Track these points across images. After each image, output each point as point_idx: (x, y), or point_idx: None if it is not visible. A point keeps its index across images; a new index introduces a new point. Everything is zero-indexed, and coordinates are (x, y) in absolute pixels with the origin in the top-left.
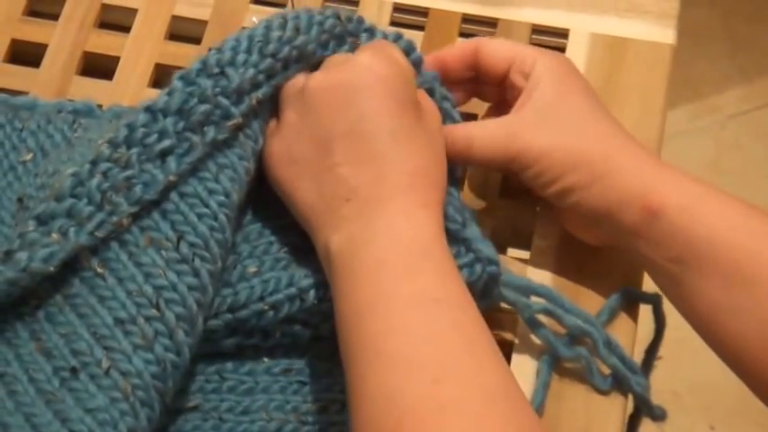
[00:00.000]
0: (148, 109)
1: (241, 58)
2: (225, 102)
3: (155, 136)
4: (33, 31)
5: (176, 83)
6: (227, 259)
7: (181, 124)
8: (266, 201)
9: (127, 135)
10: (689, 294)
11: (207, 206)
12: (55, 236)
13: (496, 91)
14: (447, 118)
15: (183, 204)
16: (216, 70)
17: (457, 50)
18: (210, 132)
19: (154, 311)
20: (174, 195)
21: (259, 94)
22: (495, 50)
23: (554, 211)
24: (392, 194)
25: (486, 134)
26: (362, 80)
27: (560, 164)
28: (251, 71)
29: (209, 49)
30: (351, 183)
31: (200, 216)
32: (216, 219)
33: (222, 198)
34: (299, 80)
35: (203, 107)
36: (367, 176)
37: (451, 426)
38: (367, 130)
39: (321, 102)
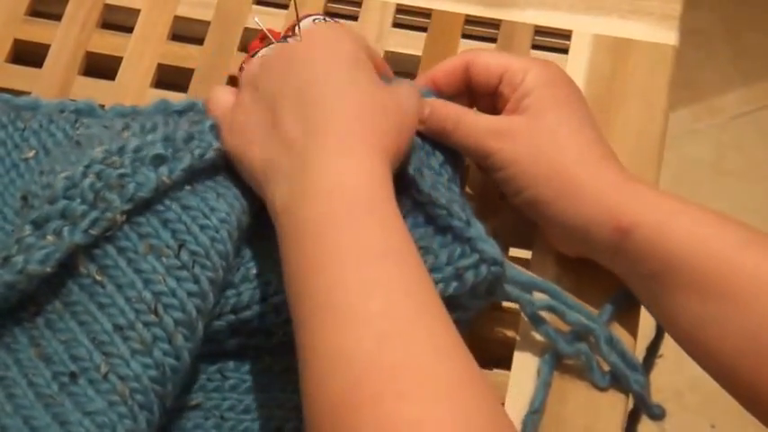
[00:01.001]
0: (138, 137)
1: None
2: (203, 136)
3: (147, 150)
4: (36, 32)
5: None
6: (228, 270)
7: (170, 149)
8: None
9: (120, 147)
10: (667, 309)
11: (208, 219)
12: (50, 237)
13: (490, 100)
14: None
15: (185, 215)
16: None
17: (448, 67)
18: (197, 151)
19: (152, 317)
20: (175, 206)
21: None
22: (487, 65)
23: (542, 231)
24: (327, 143)
25: (473, 122)
26: (305, 44)
27: (529, 174)
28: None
29: None
30: (290, 134)
31: (201, 227)
32: (217, 231)
33: (223, 215)
34: (253, 66)
35: (182, 134)
36: (305, 126)
37: (405, 382)
38: (308, 82)
39: (269, 72)
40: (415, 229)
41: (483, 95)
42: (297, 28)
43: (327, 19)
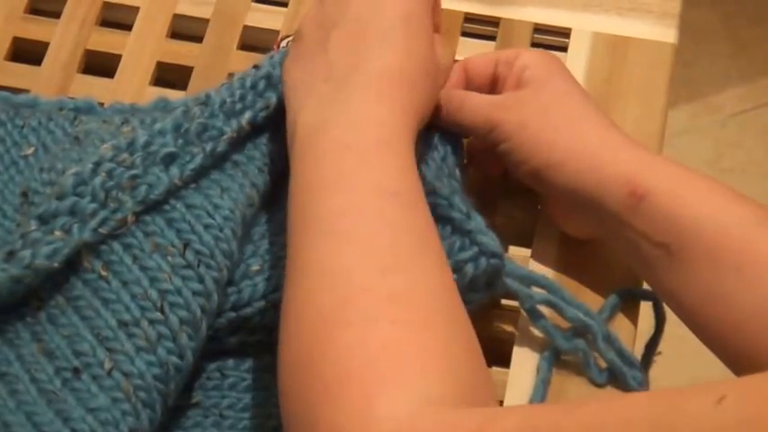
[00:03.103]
0: (146, 129)
1: (222, 90)
2: (214, 122)
3: (157, 146)
4: (35, 29)
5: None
6: (232, 270)
7: (180, 141)
8: (268, 201)
9: (130, 143)
10: (676, 282)
11: (212, 218)
12: (58, 233)
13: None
14: None
15: (189, 215)
16: (202, 99)
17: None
18: (209, 145)
19: (158, 314)
20: (179, 205)
21: (246, 116)
22: (480, 58)
23: (546, 210)
24: (368, 82)
25: (477, 99)
26: None
27: (538, 139)
28: (229, 99)
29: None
30: (333, 63)
31: (206, 226)
32: (221, 231)
33: (227, 213)
34: None
35: (195, 125)
36: (350, 60)
37: (397, 316)
38: (370, 17)
39: None
40: None
41: (480, 90)
42: None
43: None
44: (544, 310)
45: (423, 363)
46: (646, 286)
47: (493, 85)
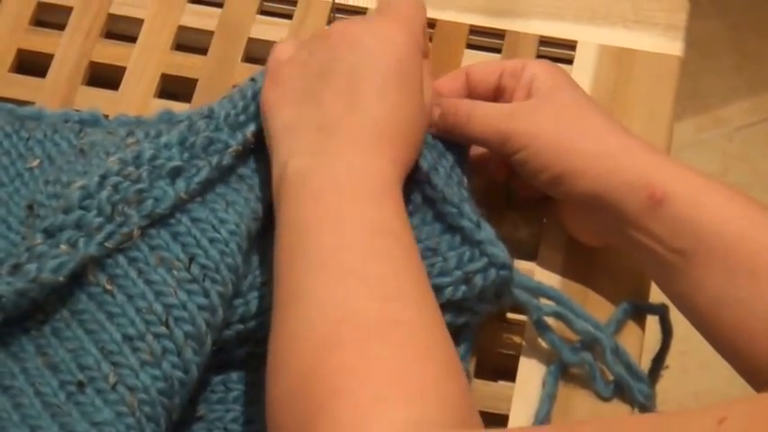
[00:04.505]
0: (152, 143)
1: (224, 103)
2: (220, 135)
3: (163, 159)
4: (39, 41)
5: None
6: (237, 284)
7: (186, 154)
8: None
9: (136, 156)
10: (691, 287)
11: (218, 232)
12: (64, 247)
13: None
14: None
15: (194, 229)
16: (205, 112)
17: (448, 76)
18: (215, 158)
19: (163, 329)
20: (185, 219)
21: (251, 128)
22: (485, 65)
23: (559, 216)
24: (361, 134)
25: (486, 110)
26: (378, 36)
27: (551, 149)
28: (232, 111)
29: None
30: (328, 112)
31: (211, 240)
32: (227, 245)
33: (233, 227)
34: (320, 31)
35: (201, 139)
36: (344, 111)
37: (391, 335)
38: (359, 74)
39: (335, 41)
40: (422, 227)
41: (483, 99)
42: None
43: None
44: (551, 321)
45: (412, 384)
46: (652, 299)
47: (496, 96)
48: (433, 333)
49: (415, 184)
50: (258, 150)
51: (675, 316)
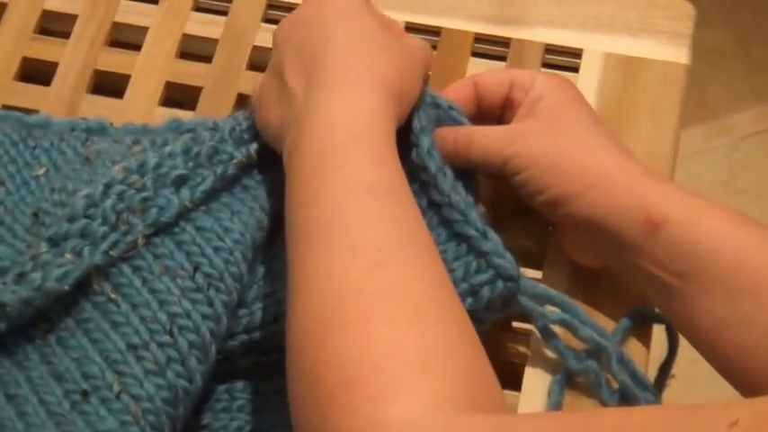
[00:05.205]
0: (156, 152)
1: (229, 120)
2: (224, 146)
3: (168, 168)
4: (44, 50)
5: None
6: (242, 293)
7: (190, 163)
8: (281, 224)
9: (140, 165)
10: (691, 309)
11: (222, 241)
12: (68, 256)
13: (497, 120)
14: (455, 124)
15: (199, 237)
16: (210, 125)
17: (456, 85)
18: (219, 168)
19: (167, 338)
20: (189, 228)
21: (254, 146)
22: (494, 75)
23: (558, 239)
24: (327, 82)
25: (486, 134)
26: (306, 8)
27: (552, 170)
28: (237, 127)
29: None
30: (294, 89)
31: (216, 249)
32: (231, 254)
33: (237, 236)
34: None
35: (206, 148)
36: (305, 76)
37: (388, 313)
38: (305, 38)
39: (276, 42)
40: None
41: (491, 110)
42: None
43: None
44: (557, 329)
45: (423, 364)
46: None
47: (505, 107)
48: (423, 292)
49: (421, 189)
50: (263, 162)
51: None
